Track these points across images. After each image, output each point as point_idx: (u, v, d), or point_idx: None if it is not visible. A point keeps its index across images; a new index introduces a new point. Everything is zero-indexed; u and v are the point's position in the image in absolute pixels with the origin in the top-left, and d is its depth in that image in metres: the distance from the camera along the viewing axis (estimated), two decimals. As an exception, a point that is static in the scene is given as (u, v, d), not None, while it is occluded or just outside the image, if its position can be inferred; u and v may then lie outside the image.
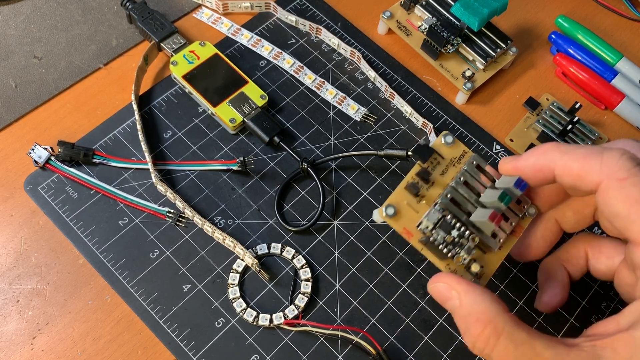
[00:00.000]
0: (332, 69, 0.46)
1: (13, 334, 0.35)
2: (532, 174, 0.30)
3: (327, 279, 0.39)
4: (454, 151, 0.34)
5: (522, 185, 0.31)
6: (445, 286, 0.30)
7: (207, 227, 0.38)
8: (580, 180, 0.28)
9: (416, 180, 0.33)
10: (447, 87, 0.47)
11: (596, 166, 0.27)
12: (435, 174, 0.33)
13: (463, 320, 0.29)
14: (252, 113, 0.42)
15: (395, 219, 0.32)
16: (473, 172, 0.33)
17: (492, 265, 0.33)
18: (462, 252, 0.32)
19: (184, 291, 0.37)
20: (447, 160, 0.34)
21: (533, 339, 0.27)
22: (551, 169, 0.29)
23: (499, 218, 0.31)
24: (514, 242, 0.34)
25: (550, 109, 0.45)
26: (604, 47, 0.48)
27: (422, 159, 0.33)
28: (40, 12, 0.46)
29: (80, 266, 0.38)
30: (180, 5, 0.48)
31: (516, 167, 0.31)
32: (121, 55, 0.45)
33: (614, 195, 0.27)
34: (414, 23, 0.47)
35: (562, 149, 0.29)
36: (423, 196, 0.33)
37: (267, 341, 0.36)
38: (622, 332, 0.26)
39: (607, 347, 0.26)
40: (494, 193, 0.31)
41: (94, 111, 0.43)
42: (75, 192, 0.39)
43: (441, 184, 0.33)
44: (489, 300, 0.29)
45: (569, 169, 0.28)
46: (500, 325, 0.28)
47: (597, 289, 0.40)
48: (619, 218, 0.27)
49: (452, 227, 0.32)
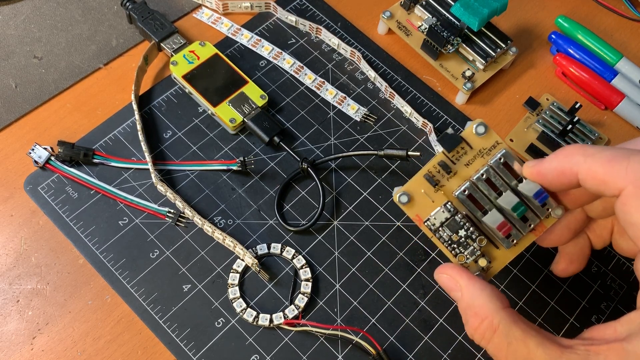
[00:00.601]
0: (332, 69, 0.46)
1: (13, 334, 0.35)
2: (555, 178, 0.29)
3: (327, 279, 0.39)
4: (485, 142, 0.32)
5: (541, 198, 0.30)
6: (449, 278, 0.31)
7: (207, 227, 0.38)
8: (604, 186, 0.27)
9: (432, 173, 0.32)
10: (447, 87, 0.47)
11: (622, 171, 0.26)
12: (460, 163, 0.32)
13: (464, 311, 0.30)
14: (252, 113, 0.42)
15: (409, 205, 0.32)
16: (499, 169, 0.32)
17: (502, 260, 0.33)
18: (465, 252, 0.32)
19: (184, 291, 0.37)
20: (475, 151, 0.32)
21: (527, 337, 0.28)
22: (574, 172, 0.28)
23: (509, 228, 0.31)
24: (531, 239, 0.33)
25: (550, 109, 0.45)
26: (604, 47, 0.48)
27: (448, 148, 0.32)
28: (40, 12, 0.46)
29: (80, 266, 0.38)
30: (180, 5, 0.48)
31: (539, 172, 0.30)
32: (121, 55, 0.45)
33: (634, 204, 0.26)
34: (414, 23, 0.47)
35: (586, 151, 0.28)
36: (442, 185, 0.32)
37: (267, 341, 0.36)
38: (616, 342, 0.26)
39: (600, 354, 0.26)
40: (511, 199, 0.31)
41: (94, 111, 0.43)
42: (75, 192, 0.39)
43: (464, 175, 0.32)
44: (487, 295, 0.29)
45: (593, 174, 0.27)
46: (496, 320, 0.28)
47: (597, 289, 0.40)
48: (634, 227, 0.26)
49: (460, 227, 0.32)
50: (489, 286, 0.30)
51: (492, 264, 0.32)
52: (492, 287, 0.30)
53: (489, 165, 0.32)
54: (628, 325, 0.27)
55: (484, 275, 0.33)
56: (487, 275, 0.33)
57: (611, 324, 0.28)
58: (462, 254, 0.32)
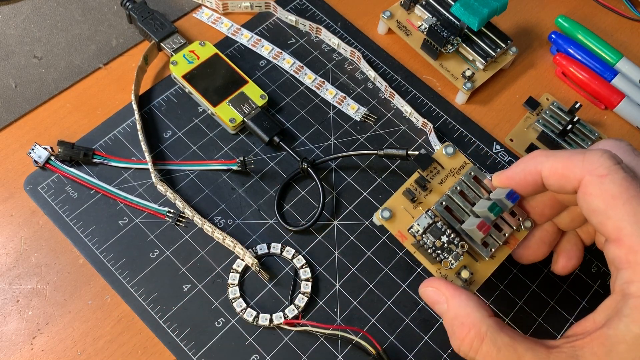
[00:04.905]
0: (332, 69, 0.46)
1: (13, 334, 0.35)
2: (522, 179, 0.31)
3: (327, 279, 0.39)
4: (454, 162, 0.36)
5: (513, 198, 0.32)
6: (434, 290, 0.32)
7: (207, 227, 0.38)
8: (564, 180, 0.29)
9: (413, 187, 0.35)
10: (447, 87, 0.47)
11: (579, 164, 0.28)
12: (434, 182, 0.35)
13: (449, 323, 0.31)
14: (252, 113, 0.42)
15: (391, 221, 0.34)
16: (470, 182, 0.34)
17: (483, 273, 0.34)
18: (449, 258, 0.33)
19: (184, 291, 0.37)
20: (447, 170, 0.36)
21: (515, 342, 0.28)
22: (538, 171, 0.30)
23: (487, 228, 0.32)
24: (507, 252, 0.35)
25: (550, 108, 0.45)
26: (604, 47, 0.48)
27: (422, 167, 0.35)
28: (40, 12, 0.46)
29: (80, 266, 0.38)
30: (180, 5, 0.48)
31: (507, 177, 0.32)
32: (121, 55, 0.45)
33: (593, 192, 0.28)
34: (414, 23, 0.47)
35: (547, 153, 0.31)
36: (420, 202, 0.35)
37: (267, 341, 0.36)
38: (597, 331, 0.27)
39: (585, 347, 0.27)
40: (485, 204, 0.33)
41: (94, 111, 0.43)
42: (75, 192, 0.39)
43: (439, 191, 0.35)
44: (473, 305, 0.30)
45: (554, 170, 0.29)
46: (484, 329, 0.29)
47: (597, 289, 0.40)
48: (596, 214, 0.28)
49: (442, 233, 0.33)
50: (474, 297, 0.31)
51: (474, 276, 0.34)
52: (477, 298, 0.31)
53: (461, 180, 0.35)
54: (605, 312, 0.28)
55: (468, 288, 0.34)
56: (471, 289, 0.34)
57: (589, 317, 0.29)
58: (447, 259, 0.33)
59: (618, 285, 0.27)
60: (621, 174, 0.27)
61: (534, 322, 0.39)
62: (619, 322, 0.26)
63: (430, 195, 0.35)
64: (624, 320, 0.26)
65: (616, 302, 0.27)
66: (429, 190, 0.35)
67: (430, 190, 0.35)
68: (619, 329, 0.26)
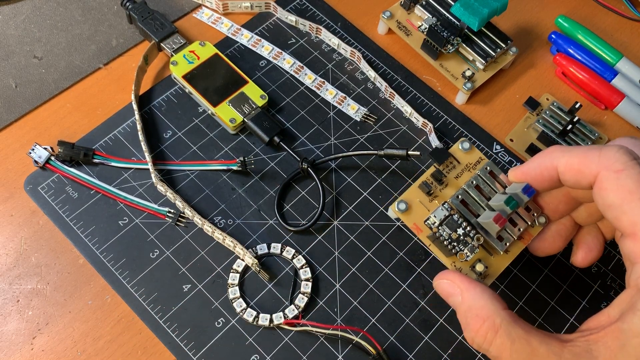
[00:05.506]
0: (332, 69, 0.46)
1: (13, 334, 0.35)
2: (538, 174, 0.31)
3: (327, 279, 0.39)
4: (470, 157, 0.36)
5: (529, 192, 0.32)
6: (449, 283, 0.32)
7: (207, 227, 0.38)
8: (580, 175, 0.29)
9: (429, 181, 0.35)
10: (447, 87, 0.47)
11: (595, 159, 0.28)
12: (450, 176, 0.36)
13: (464, 315, 0.30)
14: (252, 113, 0.42)
15: (406, 214, 0.34)
16: (486, 177, 0.35)
17: (498, 267, 0.34)
18: (465, 250, 0.33)
19: (184, 291, 0.37)
20: (463, 165, 0.36)
21: (529, 335, 0.28)
22: (554, 166, 0.30)
23: (503, 221, 0.32)
24: (521, 247, 0.35)
25: (550, 109, 0.45)
26: (604, 47, 0.48)
27: (438, 161, 0.36)
28: (40, 12, 0.46)
29: (80, 266, 0.38)
30: (180, 5, 0.48)
31: (523, 172, 0.32)
32: (121, 55, 0.45)
33: (609, 187, 0.27)
34: (414, 23, 0.47)
35: (563, 148, 0.30)
36: (436, 196, 0.35)
37: (267, 341, 0.36)
38: (611, 325, 0.27)
39: (599, 341, 0.27)
40: (502, 197, 0.33)
41: (94, 111, 0.43)
42: (75, 192, 0.39)
43: (455, 185, 0.35)
44: (488, 297, 0.30)
45: (570, 165, 0.29)
46: (498, 321, 0.29)
47: (597, 289, 0.40)
48: (611, 209, 0.28)
49: (458, 226, 0.33)
50: (488, 289, 0.31)
51: (488, 269, 0.34)
52: (491, 291, 0.31)
53: (477, 174, 0.35)
54: (620, 306, 0.28)
55: (482, 281, 0.34)
56: (485, 282, 0.34)
57: (604, 311, 0.28)
58: (462, 251, 0.33)
59: (633, 279, 0.27)
60: (637, 169, 0.27)
61: (535, 322, 0.39)
62: (633, 316, 0.26)
63: (446, 189, 0.35)
64: (638, 314, 0.26)
65: (631, 297, 0.27)
66: (445, 184, 0.35)
67: (446, 184, 0.35)
68: (634, 323, 0.26)
